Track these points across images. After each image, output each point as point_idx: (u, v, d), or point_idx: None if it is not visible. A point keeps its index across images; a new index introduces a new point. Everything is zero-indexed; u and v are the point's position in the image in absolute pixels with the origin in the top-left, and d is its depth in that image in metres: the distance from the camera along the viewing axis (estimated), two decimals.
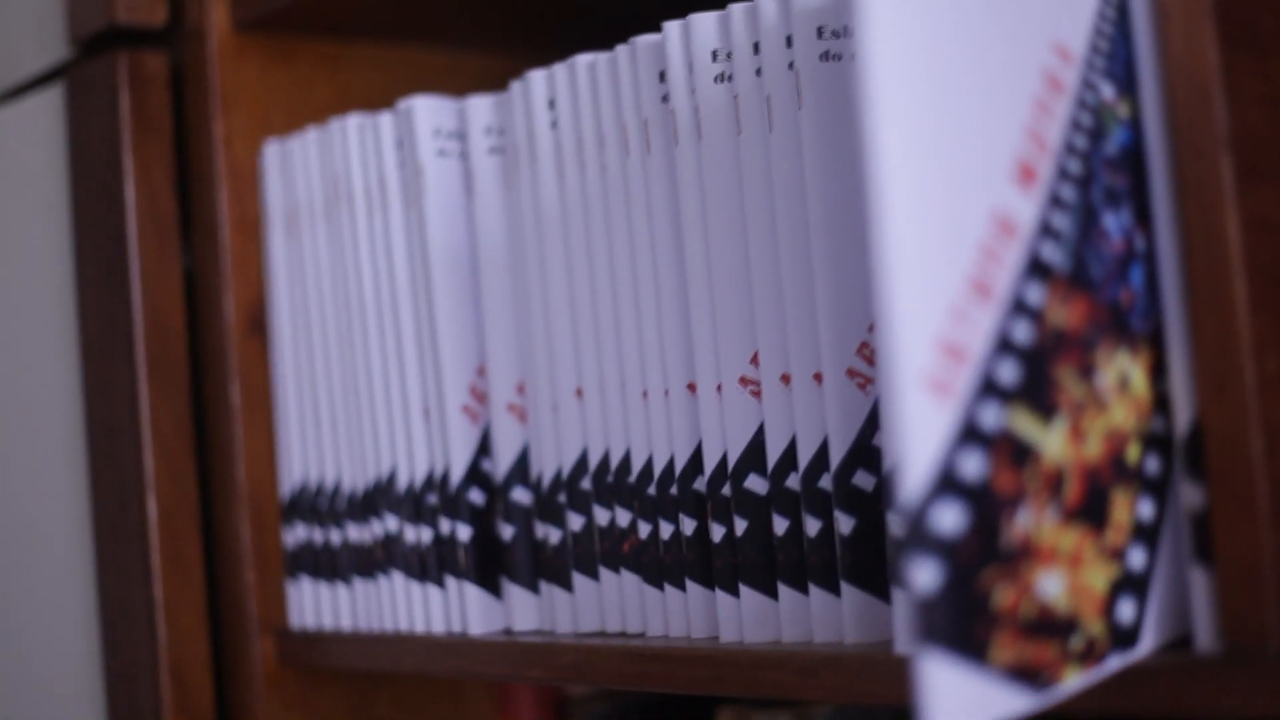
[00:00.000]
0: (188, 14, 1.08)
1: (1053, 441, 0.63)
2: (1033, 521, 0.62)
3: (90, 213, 1.08)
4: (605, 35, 1.01)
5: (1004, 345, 0.62)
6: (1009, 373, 0.62)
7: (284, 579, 1.07)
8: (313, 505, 1.04)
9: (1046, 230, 0.64)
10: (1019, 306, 0.62)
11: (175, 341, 1.06)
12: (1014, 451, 0.62)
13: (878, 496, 0.77)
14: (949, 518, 0.60)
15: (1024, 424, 0.62)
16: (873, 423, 0.77)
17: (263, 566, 1.06)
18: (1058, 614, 0.63)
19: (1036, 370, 0.63)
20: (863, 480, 0.77)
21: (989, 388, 0.61)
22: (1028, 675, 0.62)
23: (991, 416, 0.61)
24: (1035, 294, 0.63)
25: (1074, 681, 0.64)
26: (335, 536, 1.03)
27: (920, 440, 0.59)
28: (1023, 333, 0.62)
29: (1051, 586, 0.63)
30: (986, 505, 0.61)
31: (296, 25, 1.08)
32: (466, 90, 1.06)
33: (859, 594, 0.77)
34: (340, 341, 1.02)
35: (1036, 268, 0.63)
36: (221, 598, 1.08)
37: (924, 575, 0.59)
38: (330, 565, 1.04)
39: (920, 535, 0.59)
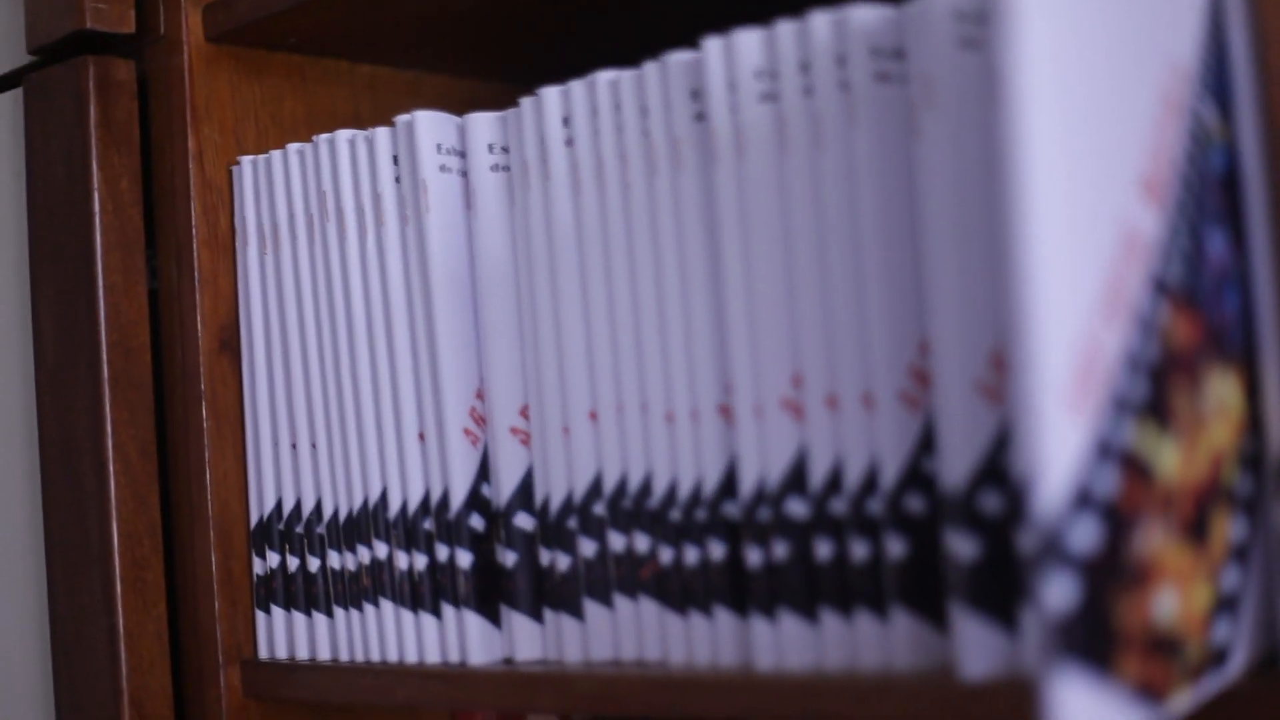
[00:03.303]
0: (159, 23, 1.04)
1: (1169, 460, 0.63)
2: (1152, 540, 0.62)
3: (51, 225, 1.04)
4: (564, 66, 1.00)
5: (1132, 361, 0.61)
6: (1137, 389, 0.61)
7: (253, 607, 1.03)
8: (287, 530, 1.01)
9: (1167, 247, 0.64)
10: (1145, 323, 0.62)
11: (140, 360, 1.02)
12: (1139, 469, 0.61)
13: (931, 519, 0.76)
14: (1085, 534, 0.59)
15: (1148, 441, 0.62)
16: (924, 445, 0.77)
17: (229, 594, 1.02)
18: (1170, 633, 0.63)
19: (1159, 388, 0.63)
20: (914, 503, 0.76)
21: (1120, 404, 0.61)
22: (1149, 692, 0.62)
23: (1121, 433, 0.61)
24: (1159, 310, 0.63)
25: (1182, 700, 0.64)
26: (313, 563, 1.00)
27: (1058, 455, 0.59)
28: (1148, 349, 0.62)
29: (1166, 605, 0.63)
30: (1116, 522, 0.60)
31: (267, 39, 1.05)
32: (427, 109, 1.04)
33: (910, 618, 0.76)
34: (324, 361, 0.99)
35: (1159, 284, 0.63)
36: (184, 626, 1.04)
37: (1060, 592, 0.59)
38: (307, 593, 1.00)
39: (1057, 551, 0.59)
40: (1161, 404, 0.63)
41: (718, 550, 0.83)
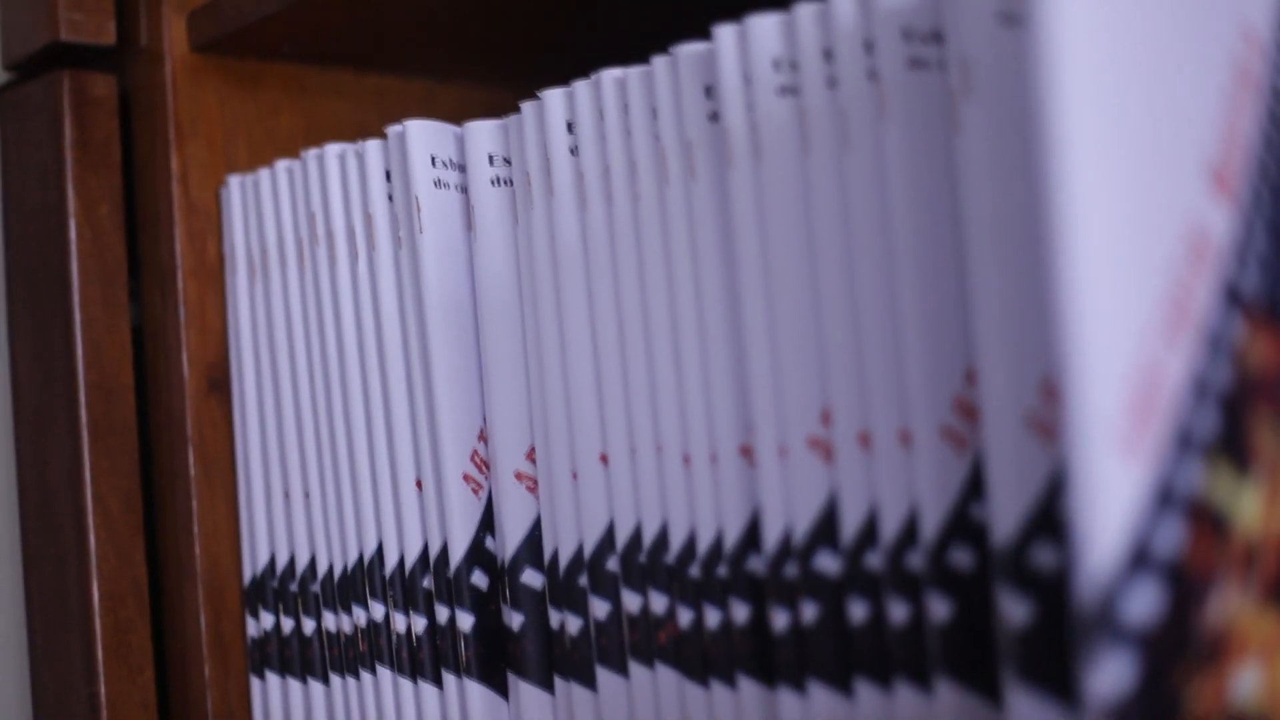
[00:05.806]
0: (140, 33, 0.96)
1: (1248, 506, 0.52)
2: (1228, 605, 0.51)
3: (24, 255, 0.95)
4: (587, 72, 0.91)
5: (1200, 388, 0.51)
6: (1206, 422, 0.51)
7: (247, 673, 0.94)
8: (281, 589, 0.92)
9: (1242, 250, 0.53)
10: (1216, 341, 0.51)
11: (123, 402, 0.94)
12: (1210, 519, 0.51)
13: (980, 577, 0.66)
14: (1143, 601, 0.49)
15: (1221, 485, 0.51)
16: (972, 490, 0.66)
17: (221, 658, 0.93)
18: (1252, 716, 0.52)
19: (1233, 420, 0.52)
20: (961, 558, 0.66)
21: (1185, 440, 0.50)
22: None
23: (1188, 476, 0.50)
24: (1232, 326, 0.52)
25: None
26: (308, 625, 0.90)
27: (1109, 505, 0.48)
28: (1220, 373, 0.51)
29: (1247, 683, 0.52)
30: (1182, 585, 0.50)
31: (260, 48, 0.96)
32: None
33: (956, 690, 0.66)
34: (315, 401, 0.90)
35: (1233, 294, 0.52)
36: (173, 694, 0.95)
37: (1114, 672, 0.49)
38: (303, 658, 0.91)
39: (1110, 623, 0.48)
40: (1238, 439, 0.52)
41: (741, 612, 0.73)
